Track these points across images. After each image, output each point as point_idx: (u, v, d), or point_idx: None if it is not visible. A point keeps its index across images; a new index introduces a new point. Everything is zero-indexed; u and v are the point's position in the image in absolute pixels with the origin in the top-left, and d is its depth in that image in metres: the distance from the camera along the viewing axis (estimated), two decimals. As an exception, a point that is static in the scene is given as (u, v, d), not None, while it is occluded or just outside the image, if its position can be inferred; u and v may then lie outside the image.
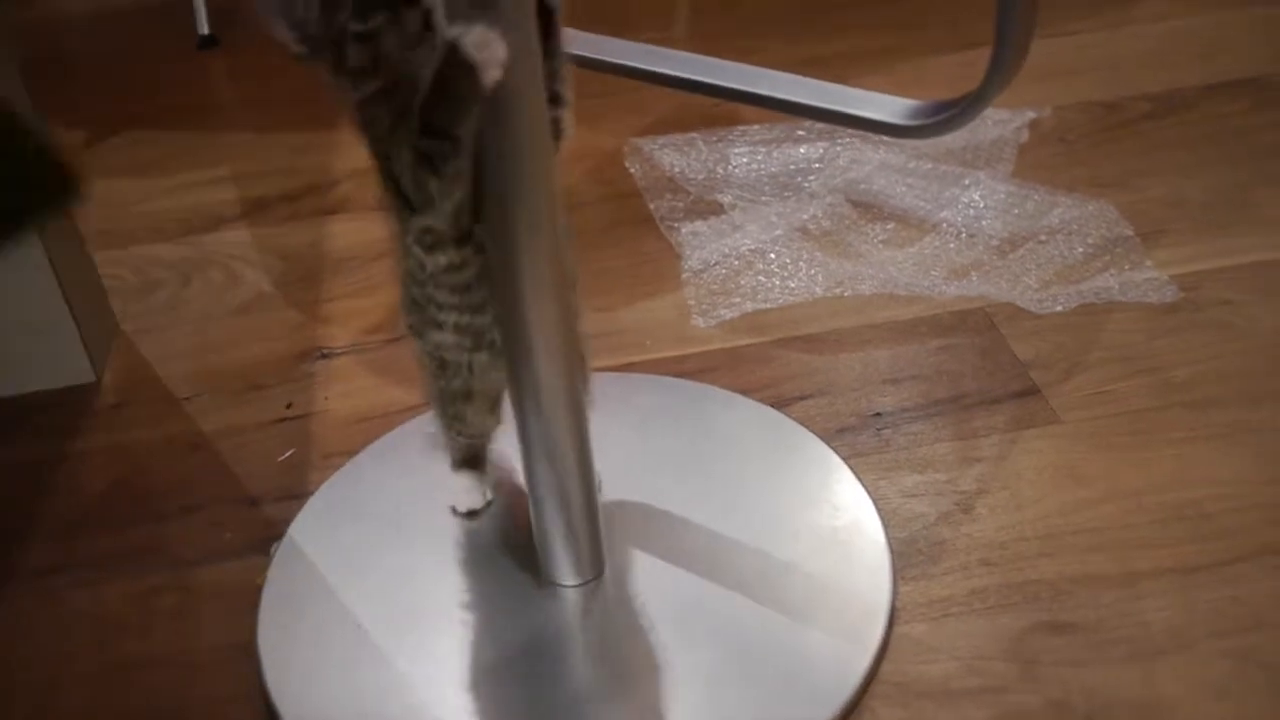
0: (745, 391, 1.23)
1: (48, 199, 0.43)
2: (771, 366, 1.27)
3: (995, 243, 1.41)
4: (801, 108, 0.83)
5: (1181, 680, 0.93)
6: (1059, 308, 1.31)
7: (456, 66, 0.70)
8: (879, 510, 1.09)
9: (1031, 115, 1.62)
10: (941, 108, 0.82)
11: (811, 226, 1.45)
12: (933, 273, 1.37)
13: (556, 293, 0.86)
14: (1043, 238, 1.41)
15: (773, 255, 1.41)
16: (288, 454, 1.20)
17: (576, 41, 0.85)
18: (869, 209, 1.48)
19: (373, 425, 1.22)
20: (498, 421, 0.99)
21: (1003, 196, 1.48)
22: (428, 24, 0.71)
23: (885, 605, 1.00)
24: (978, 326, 1.30)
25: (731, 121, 1.65)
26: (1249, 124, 1.59)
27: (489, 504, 1.10)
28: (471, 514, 1.09)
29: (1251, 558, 1.02)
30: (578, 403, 0.93)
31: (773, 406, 1.21)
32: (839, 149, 1.57)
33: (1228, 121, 1.60)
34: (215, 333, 1.39)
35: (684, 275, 1.40)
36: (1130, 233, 1.40)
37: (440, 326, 0.88)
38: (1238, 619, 0.97)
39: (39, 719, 0.99)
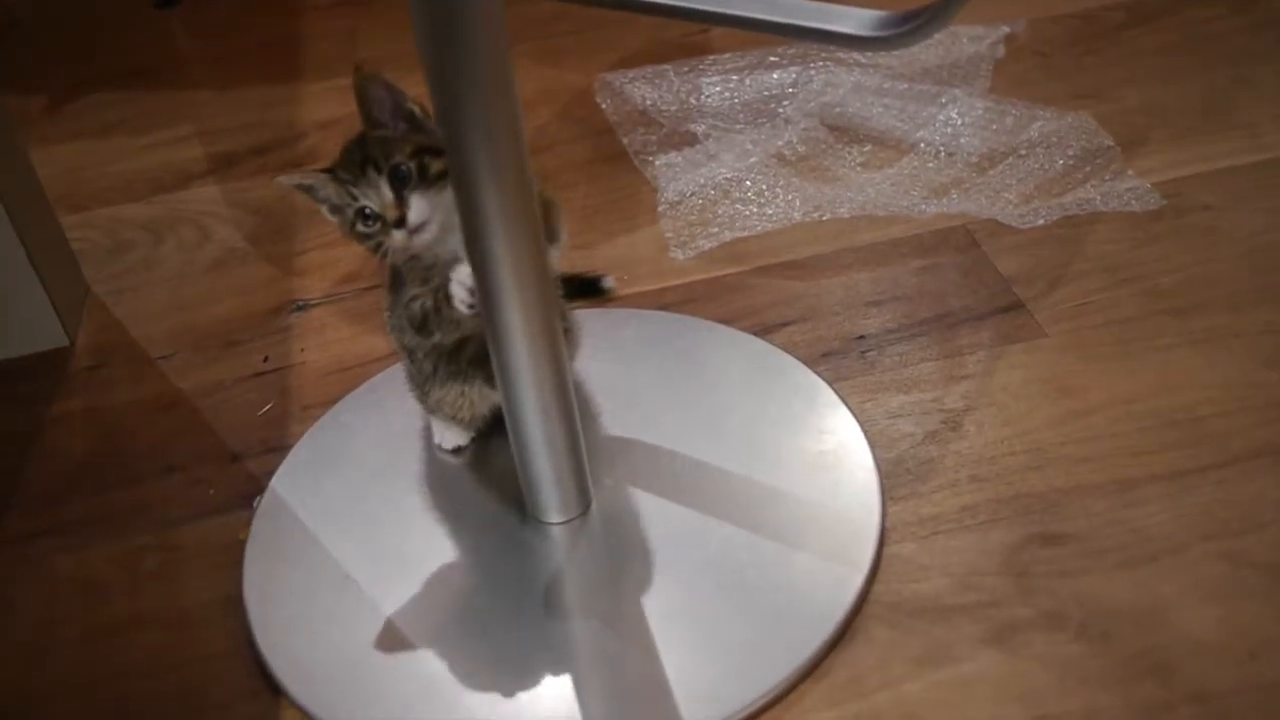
0: (727, 321, 1.22)
1: None
2: (752, 294, 1.25)
3: (974, 159, 1.39)
4: (763, 24, 0.80)
5: (1174, 584, 0.93)
6: (1040, 221, 1.29)
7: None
8: (865, 432, 1.08)
9: (1006, 30, 1.60)
10: (909, 17, 0.79)
11: (787, 152, 1.43)
12: (912, 193, 1.36)
13: (525, 231, 0.85)
14: (1022, 152, 1.39)
15: (749, 183, 1.39)
16: (267, 407, 1.19)
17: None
18: (845, 132, 1.46)
19: (351, 375, 1.21)
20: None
21: (980, 113, 1.45)
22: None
23: (875, 526, 0.99)
24: (959, 244, 1.28)
25: (703, 51, 1.62)
26: (1226, 28, 1.56)
27: (473, 439, 1.09)
28: (457, 450, 1.09)
29: (1241, 460, 1.01)
30: (555, 340, 0.92)
31: (755, 334, 1.20)
32: (812, 73, 1.54)
33: (1204, 27, 1.57)
34: (189, 290, 1.37)
35: (660, 208, 1.38)
36: (1110, 143, 1.38)
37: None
38: (1229, 521, 0.97)
39: (28, 684, 0.98)
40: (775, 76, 1.56)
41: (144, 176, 1.57)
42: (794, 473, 1.05)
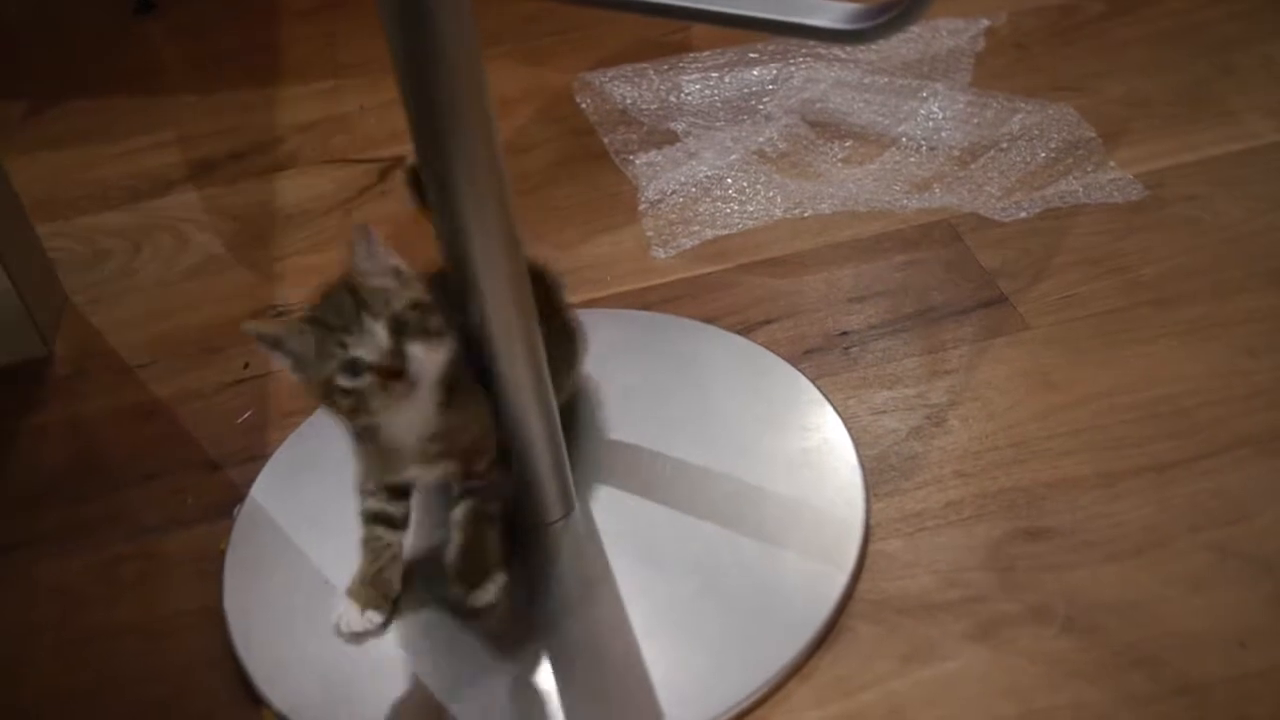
0: (710, 319, 1.21)
1: None
2: (735, 293, 1.25)
3: (956, 153, 1.39)
4: (740, 19, 0.80)
5: (1160, 576, 0.92)
6: (1023, 214, 1.29)
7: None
8: (849, 429, 1.07)
9: (986, 23, 1.59)
10: (885, 8, 0.79)
11: (768, 149, 1.42)
12: (894, 187, 1.35)
13: (501, 235, 0.84)
14: (1004, 145, 1.38)
15: (730, 180, 1.38)
16: (246, 415, 1.18)
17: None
18: (826, 128, 1.45)
19: (331, 379, 1.20)
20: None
21: (961, 106, 1.45)
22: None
23: (859, 523, 0.98)
24: (942, 238, 1.28)
25: (682, 49, 1.62)
26: (1206, 17, 1.56)
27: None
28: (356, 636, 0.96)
29: (1226, 450, 1.01)
30: (534, 344, 0.91)
31: (738, 333, 1.19)
32: (793, 69, 1.54)
33: (1185, 16, 1.57)
34: (168, 298, 1.36)
35: (641, 207, 1.37)
36: (1092, 134, 1.38)
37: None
38: (1214, 512, 0.96)
39: (8, 694, 0.97)
40: (755, 73, 1.55)
41: (121, 184, 1.56)
42: (777, 471, 1.04)
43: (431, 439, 0.89)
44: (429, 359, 0.84)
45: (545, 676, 0.91)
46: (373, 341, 0.82)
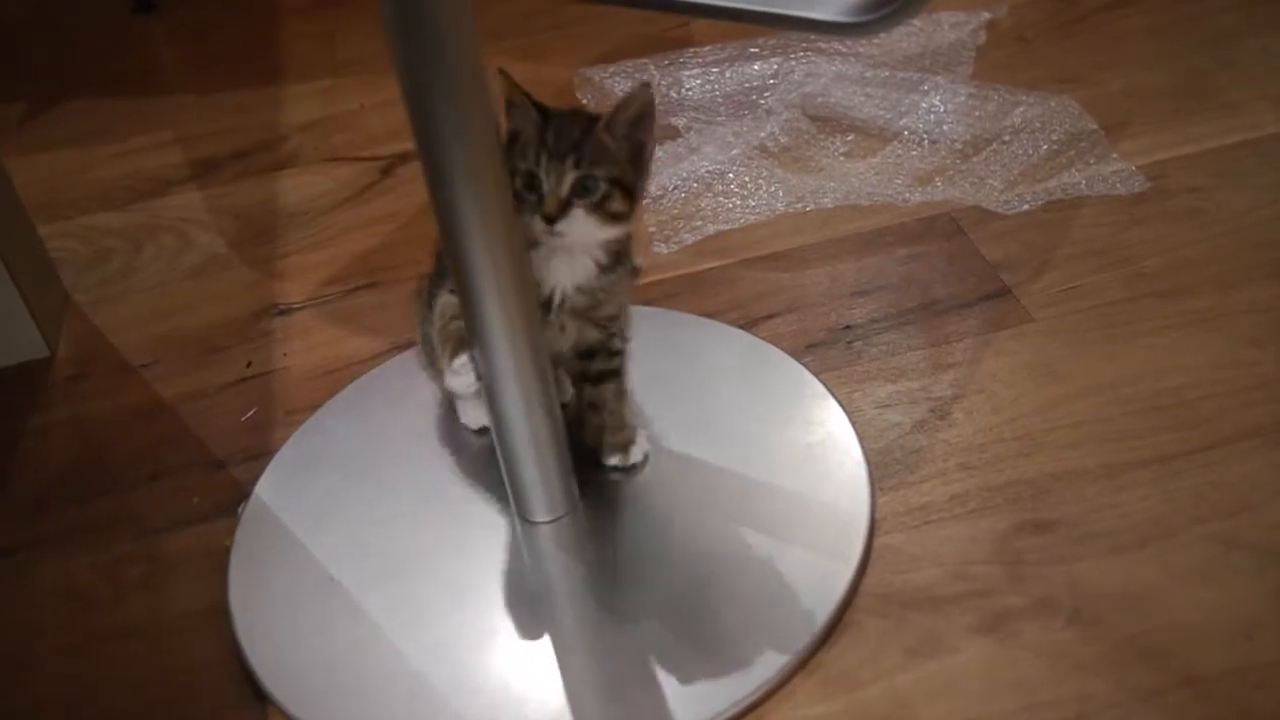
0: (712, 314, 1.21)
1: None
2: (737, 287, 1.24)
3: (958, 146, 1.39)
4: (740, 13, 0.79)
5: (1165, 568, 0.92)
6: (1026, 207, 1.28)
7: None
8: (853, 423, 1.07)
9: (987, 16, 1.59)
10: (886, 1, 0.78)
11: (769, 144, 1.42)
12: (896, 181, 1.35)
13: (503, 232, 0.84)
14: (1006, 138, 1.38)
15: (731, 175, 1.38)
16: (250, 413, 1.18)
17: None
18: (827, 122, 1.45)
19: (334, 378, 1.20)
20: None
21: (963, 99, 1.45)
22: None
23: (864, 517, 0.98)
24: (945, 232, 1.27)
25: (683, 44, 1.61)
26: (1206, 8, 1.55)
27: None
28: (482, 430, 1.07)
29: (1230, 442, 1.01)
30: (537, 342, 0.91)
31: (741, 327, 1.19)
32: (794, 64, 1.53)
33: (1186, 8, 1.56)
34: (170, 298, 1.36)
35: (643, 202, 1.36)
36: (1094, 126, 1.38)
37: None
38: (1218, 504, 0.96)
39: (12, 697, 0.97)
40: (756, 68, 1.55)
41: (123, 183, 1.56)
42: (782, 465, 1.04)
43: (579, 290, 0.93)
44: (581, 228, 0.88)
45: (550, 671, 0.91)
46: (555, 178, 0.86)
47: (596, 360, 1.00)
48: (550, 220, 0.87)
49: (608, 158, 0.88)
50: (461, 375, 0.92)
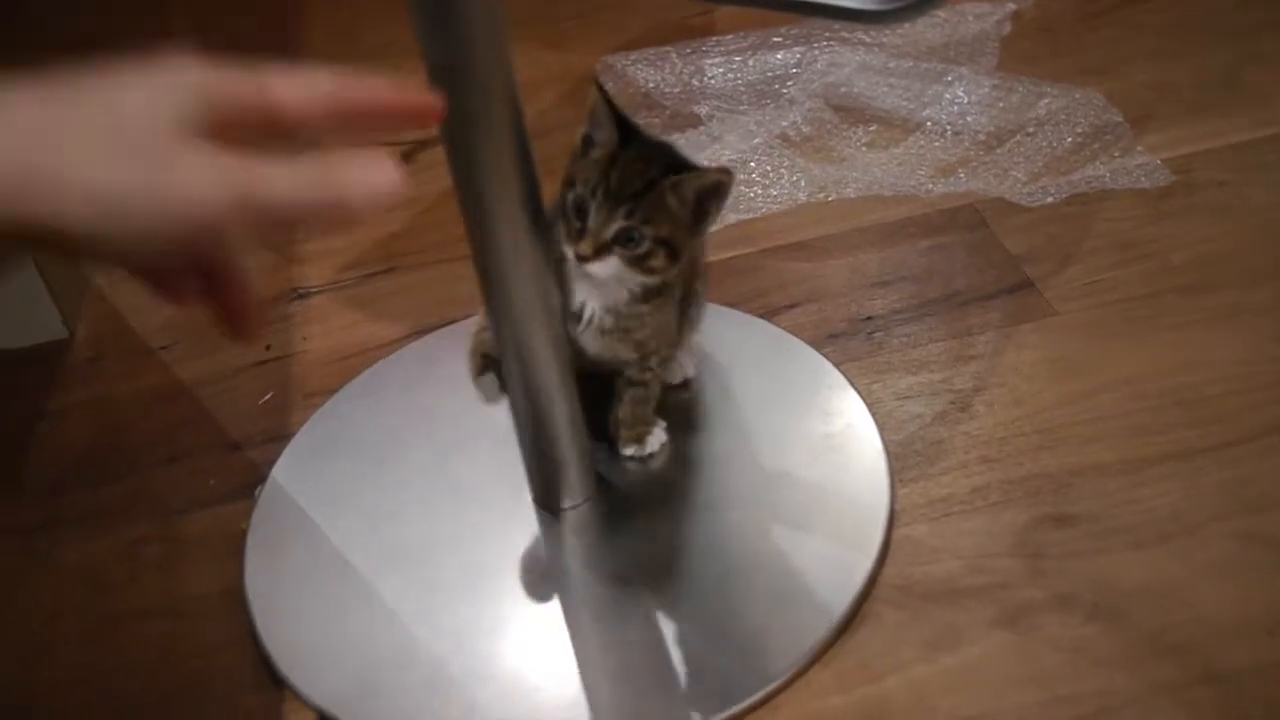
0: (733, 304, 1.21)
1: None
2: (758, 277, 1.24)
3: (982, 138, 1.38)
4: (765, 0, 0.79)
5: (1187, 564, 0.91)
6: (1049, 199, 1.28)
7: None
8: (874, 414, 1.06)
9: (1012, 6, 1.58)
10: (911, -11, 0.78)
11: (792, 133, 1.41)
12: (919, 172, 1.34)
13: (526, 219, 0.84)
14: (1030, 130, 1.37)
15: (754, 164, 1.37)
16: (268, 396, 1.18)
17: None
18: (850, 112, 1.44)
19: (352, 362, 1.20)
20: None
21: (987, 90, 1.44)
22: None
23: (884, 508, 0.98)
24: (967, 223, 1.27)
25: (705, 32, 1.61)
26: (1232, 2, 1.54)
27: None
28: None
29: (1253, 439, 1.00)
30: (557, 332, 0.91)
31: (761, 317, 1.19)
32: (816, 52, 1.53)
33: (1211, 1, 1.55)
34: (189, 280, 1.36)
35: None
36: (1119, 119, 1.36)
37: None
38: (1241, 500, 0.95)
39: (31, 677, 0.97)
40: (779, 57, 1.54)
41: (144, 166, 1.56)
42: (802, 456, 1.03)
43: (607, 311, 0.92)
44: (613, 273, 0.87)
45: (565, 660, 0.90)
46: (603, 219, 0.85)
47: (627, 370, 1.00)
48: (583, 260, 0.86)
49: (663, 216, 0.86)
50: (479, 390, 0.96)
